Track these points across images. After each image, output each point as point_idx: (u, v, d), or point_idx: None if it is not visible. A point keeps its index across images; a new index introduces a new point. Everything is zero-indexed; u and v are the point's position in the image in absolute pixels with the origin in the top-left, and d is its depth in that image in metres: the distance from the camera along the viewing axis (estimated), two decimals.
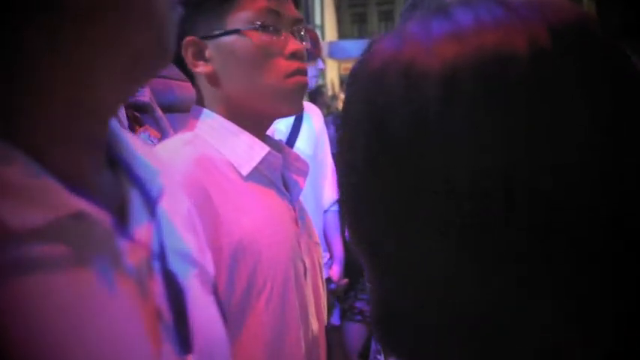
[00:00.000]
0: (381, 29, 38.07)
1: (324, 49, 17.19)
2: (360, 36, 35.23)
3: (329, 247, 2.83)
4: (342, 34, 25.93)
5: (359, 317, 3.05)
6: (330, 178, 2.79)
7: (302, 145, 2.65)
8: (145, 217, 0.57)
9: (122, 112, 2.03)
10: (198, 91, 1.28)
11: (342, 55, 18.44)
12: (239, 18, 1.21)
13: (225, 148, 1.22)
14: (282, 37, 1.23)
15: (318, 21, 17.16)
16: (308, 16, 14.33)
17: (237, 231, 1.17)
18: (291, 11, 1.26)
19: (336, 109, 7.66)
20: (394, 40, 0.54)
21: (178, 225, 0.66)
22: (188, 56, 1.24)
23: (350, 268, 2.83)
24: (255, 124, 1.26)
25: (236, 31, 1.21)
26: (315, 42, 2.78)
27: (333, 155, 2.67)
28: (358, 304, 3.06)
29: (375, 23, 37.80)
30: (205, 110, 1.26)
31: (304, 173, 1.34)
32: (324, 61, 3.72)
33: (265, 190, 1.26)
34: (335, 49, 18.10)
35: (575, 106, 0.47)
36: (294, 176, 1.32)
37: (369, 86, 0.54)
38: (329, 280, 2.69)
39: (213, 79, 1.25)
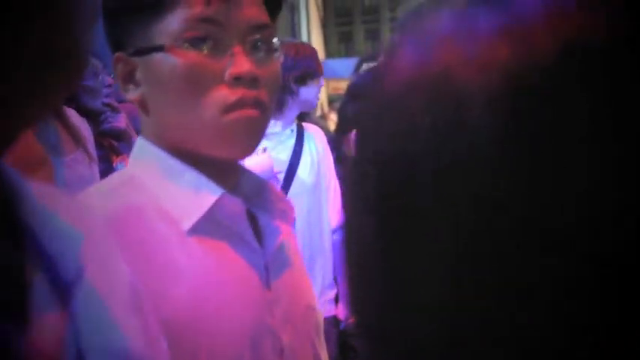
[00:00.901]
0: (368, 48, 38.52)
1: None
2: (347, 54, 35.50)
3: (335, 280, 2.63)
4: (328, 53, 26.02)
5: None
6: (336, 199, 2.64)
7: (303, 174, 2.55)
8: (51, 309, 0.45)
9: (91, 144, 1.88)
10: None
11: (330, 74, 18.32)
12: (166, 29, 0.87)
13: (165, 192, 0.91)
14: (225, 56, 0.87)
15: (305, 39, 17.11)
16: (295, 36, 14.23)
17: (165, 308, 0.83)
18: (243, 17, 0.89)
19: (326, 129, 7.39)
20: (418, 45, 0.40)
21: (113, 306, 0.52)
22: (117, 76, 0.95)
23: None
24: (206, 160, 0.92)
25: (160, 48, 0.88)
26: (313, 58, 2.64)
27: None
28: None
29: (361, 42, 38.13)
30: (143, 142, 0.96)
31: (289, 217, 1.03)
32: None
33: (219, 245, 0.92)
34: (323, 68, 18.02)
35: None
36: (275, 222, 0.99)
37: (386, 112, 0.41)
38: (336, 320, 2.55)
39: (143, 107, 0.94)
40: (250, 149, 0.92)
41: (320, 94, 2.70)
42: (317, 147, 2.62)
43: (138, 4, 0.88)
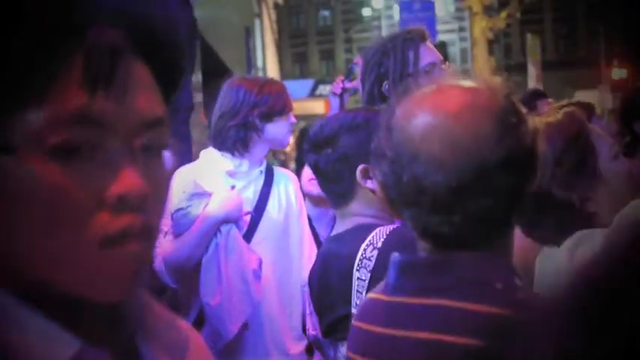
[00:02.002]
0: (322, 68, 38.77)
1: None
2: (302, 75, 35.64)
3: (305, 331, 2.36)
4: (283, 74, 26.05)
5: None
6: (311, 250, 2.51)
7: (271, 218, 2.48)
8: None
9: None
10: None
11: None
12: (25, 128, 0.57)
13: (10, 345, 0.61)
14: (104, 169, 0.59)
15: (260, 63, 17.17)
16: (250, 59, 14.30)
17: None
18: (132, 110, 0.60)
19: (283, 152, 7.48)
20: None
21: None
22: None
23: None
24: (69, 302, 0.62)
25: (10, 152, 0.57)
26: (280, 94, 2.48)
27: None
28: None
29: (316, 62, 38.32)
30: None
31: (183, 349, 0.73)
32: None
33: None
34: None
35: None
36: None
37: None
38: None
39: None
40: (130, 291, 0.65)
41: (291, 129, 2.55)
42: (288, 191, 2.54)
43: None
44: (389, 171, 0.98)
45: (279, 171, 2.62)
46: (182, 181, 2.37)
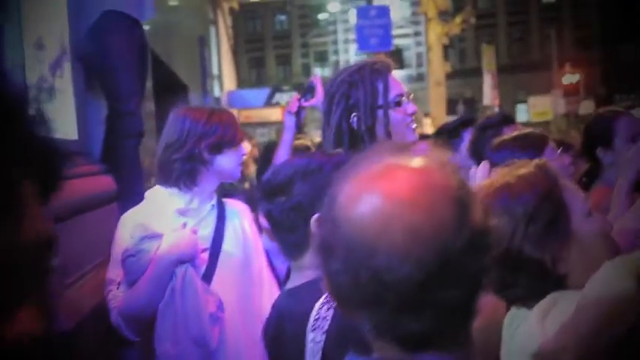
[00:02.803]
0: (279, 73, 38.66)
1: (223, 100, 17.05)
2: (259, 80, 35.48)
3: None
4: (240, 80, 25.91)
5: None
6: (271, 286, 2.42)
7: (229, 247, 2.35)
8: None
9: None
10: None
11: (241, 104, 18.36)
12: None
13: None
14: None
15: (215, 70, 17.00)
16: (205, 67, 14.13)
17: None
18: None
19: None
20: None
21: None
22: None
23: None
24: None
25: None
26: (229, 123, 2.33)
27: None
28: None
29: (272, 67, 38.18)
30: None
31: None
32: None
33: None
34: (234, 98, 17.98)
35: None
36: None
37: None
38: None
39: None
40: None
41: (241, 161, 2.40)
42: (242, 225, 2.42)
43: None
44: (342, 268, 0.88)
45: (230, 204, 2.47)
46: (129, 225, 2.25)
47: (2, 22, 2.42)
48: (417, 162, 0.91)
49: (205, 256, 2.28)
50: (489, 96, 17.69)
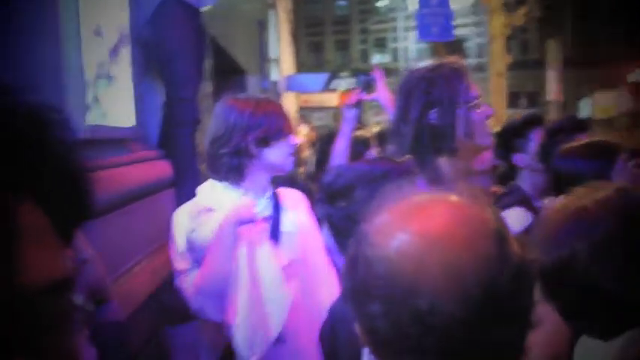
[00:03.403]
0: (337, 59, 38.55)
1: (282, 84, 17.03)
2: (317, 65, 35.43)
3: None
4: (299, 64, 25.89)
5: None
6: (330, 278, 2.24)
7: (288, 233, 2.27)
8: None
9: None
10: None
11: (299, 88, 18.31)
12: None
13: None
14: None
15: (274, 54, 16.98)
16: (263, 51, 14.12)
17: None
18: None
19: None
20: None
21: None
22: None
23: None
24: None
25: None
26: (277, 115, 2.25)
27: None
28: None
29: (331, 52, 38.08)
30: None
31: None
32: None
33: None
34: (292, 82, 17.93)
35: None
36: None
37: None
38: None
39: None
40: None
41: (292, 152, 2.29)
42: (299, 216, 2.33)
43: None
44: (380, 311, 0.82)
45: (286, 195, 2.37)
46: (184, 216, 2.23)
47: (61, 11, 2.42)
48: (450, 196, 0.85)
49: (267, 227, 2.19)
50: (553, 90, 17.22)
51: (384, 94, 2.92)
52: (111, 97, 3.05)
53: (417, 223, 0.83)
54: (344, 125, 3.04)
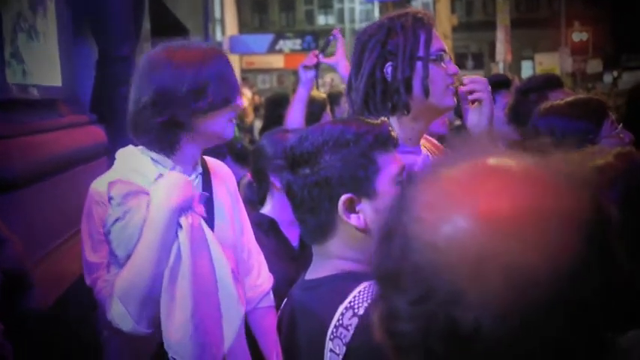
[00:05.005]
0: (282, 19, 37.90)
1: (225, 45, 16.59)
2: (261, 26, 34.81)
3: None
4: (242, 24, 25.35)
5: None
6: (257, 265, 2.09)
7: (220, 211, 1.94)
8: None
9: None
10: None
11: (243, 49, 17.93)
12: None
13: None
14: None
15: (218, 14, 16.52)
16: (207, 10, 13.66)
17: None
18: None
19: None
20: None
21: None
22: None
23: None
24: None
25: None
26: (222, 77, 1.84)
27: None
28: None
29: (275, 13, 37.42)
30: None
31: None
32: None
33: None
34: (236, 43, 17.53)
35: None
36: None
37: None
38: None
39: None
40: None
41: (233, 117, 1.89)
42: (229, 189, 2.02)
43: None
44: (408, 312, 0.58)
45: (214, 168, 2.00)
46: (102, 192, 1.79)
47: None
48: (531, 167, 0.60)
49: (201, 210, 1.81)
50: (502, 51, 17.22)
51: (342, 60, 2.77)
52: (35, 54, 2.72)
53: (483, 203, 0.58)
54: (300, 88, 2.91)
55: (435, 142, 2.05)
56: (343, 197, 1.32)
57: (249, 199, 2.66)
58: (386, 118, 1.46)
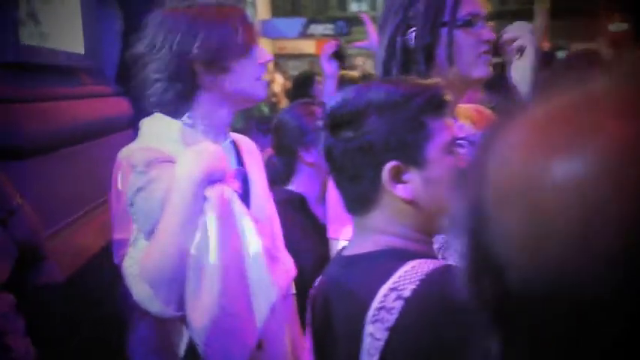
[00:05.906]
0: (314, 4, 37.73)
1: (257, 28, 16.50)
2: (292, 10, 34.71)
3: None
4: (274, 8, 25.23)
5: None
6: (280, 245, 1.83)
7: (256, 187, 1.77)
8: None
9: None
10: None
11: (275, 33, 17.77)
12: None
13: None
14: None
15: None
16: None
17: None
18: None
19: (272, 93, 6.88)
20: None
21: None
22: None
23: None
24: None
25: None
26: (234, 24, 1.65)
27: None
28: None
29: None
30: None
31: None
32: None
33: None
34: (268, 28, 17.40)
35: None
36: None
37: None
38: None
39: None
40: None
41: (265, 75, 1.71)
42: (258, 162, 1.84)
43: None
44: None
45: (240, 139, 1.84)
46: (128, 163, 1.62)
47: None
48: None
49: (236, 186, 1.63)
50: (539, 40, 16.87)
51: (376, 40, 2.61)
52: (54, 17, 2.58)
53: (590, 142, 0.40)
54: (327, 83, 2.87)
55: (484, 110, 1.84)
56: (389, 165, 1.17)
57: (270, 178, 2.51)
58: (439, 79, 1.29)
